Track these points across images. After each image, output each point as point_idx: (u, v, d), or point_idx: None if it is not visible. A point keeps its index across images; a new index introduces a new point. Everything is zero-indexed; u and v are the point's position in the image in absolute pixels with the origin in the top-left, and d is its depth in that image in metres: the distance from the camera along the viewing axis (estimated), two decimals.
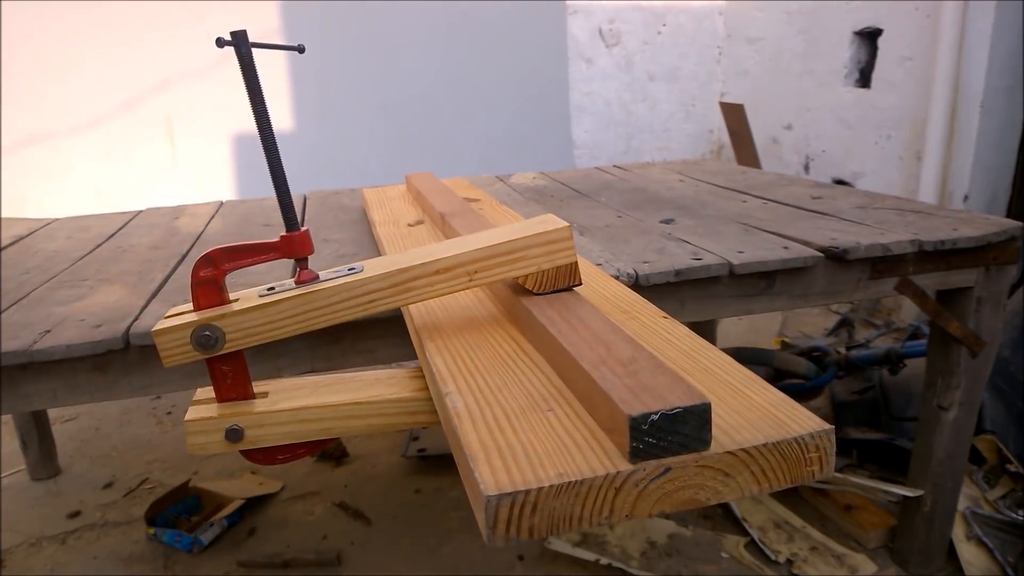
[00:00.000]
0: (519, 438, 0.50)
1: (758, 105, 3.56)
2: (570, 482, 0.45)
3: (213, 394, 0.70)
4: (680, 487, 0.46)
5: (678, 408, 0.45)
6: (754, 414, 0.51)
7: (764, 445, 0.47)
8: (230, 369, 0.68)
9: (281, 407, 0.68)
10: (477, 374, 0.61)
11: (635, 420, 0.45)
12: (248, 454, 0.70)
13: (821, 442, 0.49)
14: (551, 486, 0.44)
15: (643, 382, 0.49)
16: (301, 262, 0.69)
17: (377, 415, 0.69)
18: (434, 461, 2.02)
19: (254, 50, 0.64)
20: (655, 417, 0.45)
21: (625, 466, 0.46)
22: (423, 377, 0.72)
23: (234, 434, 0.67)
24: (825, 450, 0.49)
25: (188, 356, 0.66)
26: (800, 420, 0.50)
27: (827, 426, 0.49)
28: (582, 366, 0.54)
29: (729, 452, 0.47)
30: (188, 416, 0.67)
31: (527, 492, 0.44)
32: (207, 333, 0.65)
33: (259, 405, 0.68)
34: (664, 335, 0.67)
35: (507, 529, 0.44)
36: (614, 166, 2.21)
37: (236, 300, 0.68)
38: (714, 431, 0.47)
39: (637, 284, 1.10)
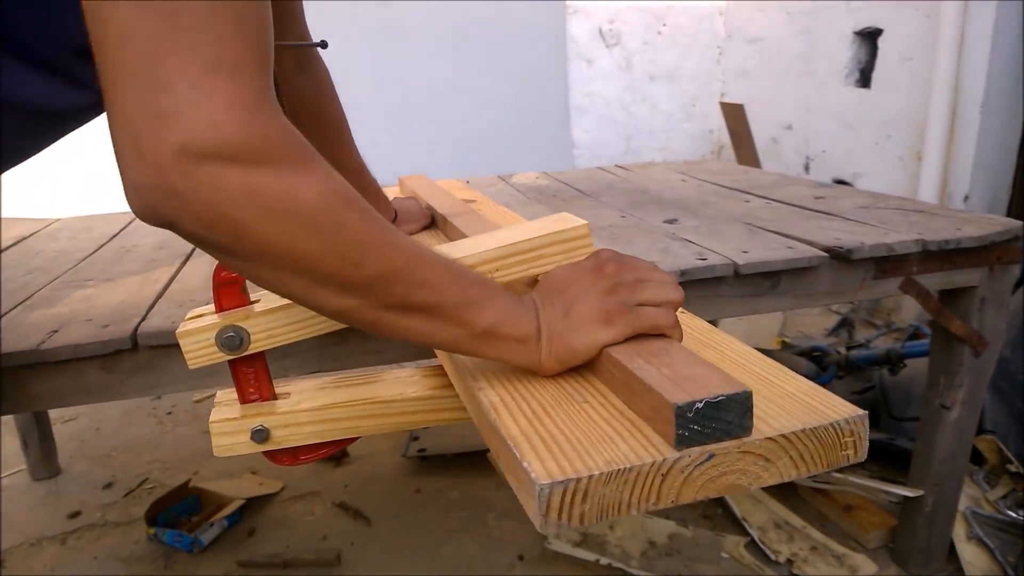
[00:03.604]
0: (559, 428, 0.51)
1: (758, 105, 3.56)
2: (619, 469, 0.46)
3: (234, 396, 0.70)
4: (723, 472, 0.48)
5: (721, 396, 0.47)
6: (788, 402, 0.52)
7: (802, 431, 0.49)
8: (252, 370, 0.69)
9: (305, 407, 0.68)
10: (506, 368, 0.62)
11: (681, 408, 0.46)
12: (271, 455, 0.70)
13: (855, 427, 0.50)
14: (601, 474, 0.45)
15: (681, 372, 0.51)
16: None
17: (402, 413, 0.70)
18: (434, 461, 2.02)
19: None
20: (700, 405, 0.47)
21: (671, 453, 0.47)
22: (441, 375, 0.72)
23: (260, 435, 0.67)
24: (859, 435, 0.50)
25: (213, 357, 0.66)
26: (834, 406, 0.51)
27: (861, 411, 0.50)
28: (616, 358, 0.55)
29: (769, 438, 0.48)
30: (212, 418, 0.68)
31: (578, 480, 0.45)
32: (232, 334, 0.65)
33: (283, 405, 0.69)
34: (686, 330, 0.67)
35: (559, 516, 0.45)
36: (616, 166, 2.21)
37: (257, 301, 0.68)
38: (753, 419, 0.48)
39: None
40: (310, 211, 0.50)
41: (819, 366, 2.21)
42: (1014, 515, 1.61)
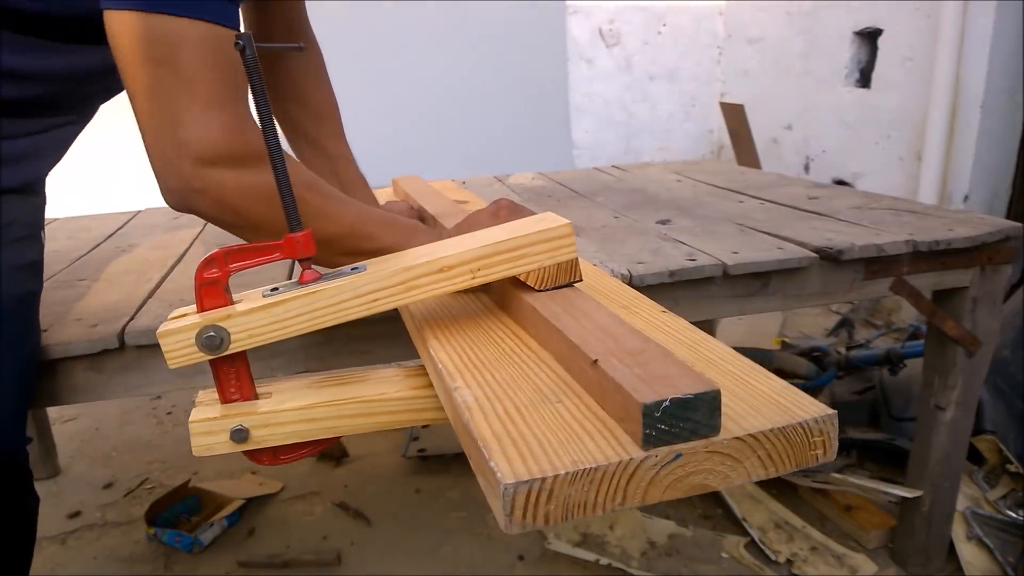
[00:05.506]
0: (531, 429, 0.51)
1: (758, 105, 3.56)
2: (584, 469, 0.46)
3: (216, 395, 0.70)
4: (690, 472, 0.47)
5: (689, 395, 0.46)
6: (758, 401, 0.52)
7: (770, 430, 0.48)
8: (233, 370, 0.68)
9: (286, 407, 0.68)
10: (484, 369, 0.62)
11: (648, 407, 0.46)
12: (252, 455, 0.70)
13: (824, 426, 0.50)
14: (566, 473, 0.45)
15: (653, 371, 0.50)
16: (304, 262, 0.69)
17: (383, 413, 0.70)
18: (434, 461, 2.02)
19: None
20: (667, 404, 0.46)
21: (637, 453, 0.47)
22: (424, 375, 0.72)
23: (240, 434, 0.67)
24: (828, 434, 0.50)
25: (193, 357, 0.66)
26: (803, 406, 0.51)
27: (830, 411, 0.50)
28: (592, 359, 0.55)
29: (737, 438, 0.48)
30: (192, 418, 0.68)
31: (543, 480, 0.45)
32: (212, 334, 0.65)
33: (263, 405, 0.69)
34: (665, 328, 0.67)
35: (523, 516, 0.45)
36: (613, 166, 2.21)
37: (239, 301, 0.68)
38: (722, 418, 0.48)
39: (631, 285, 1.10)
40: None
41: (819, 366, 2.21)
42: (1014, 515, 1.61)
